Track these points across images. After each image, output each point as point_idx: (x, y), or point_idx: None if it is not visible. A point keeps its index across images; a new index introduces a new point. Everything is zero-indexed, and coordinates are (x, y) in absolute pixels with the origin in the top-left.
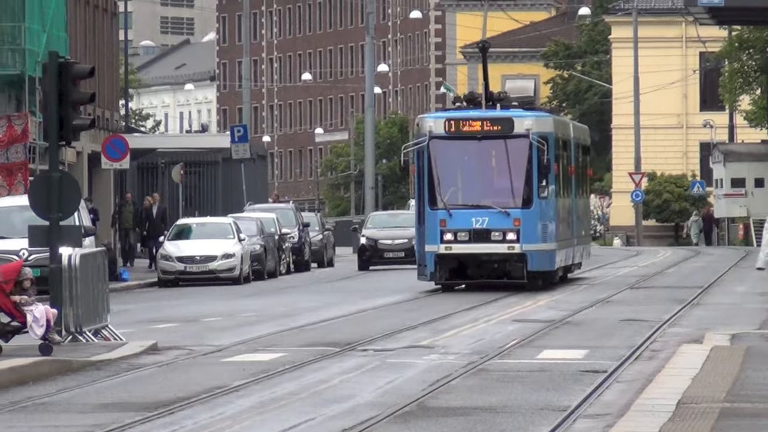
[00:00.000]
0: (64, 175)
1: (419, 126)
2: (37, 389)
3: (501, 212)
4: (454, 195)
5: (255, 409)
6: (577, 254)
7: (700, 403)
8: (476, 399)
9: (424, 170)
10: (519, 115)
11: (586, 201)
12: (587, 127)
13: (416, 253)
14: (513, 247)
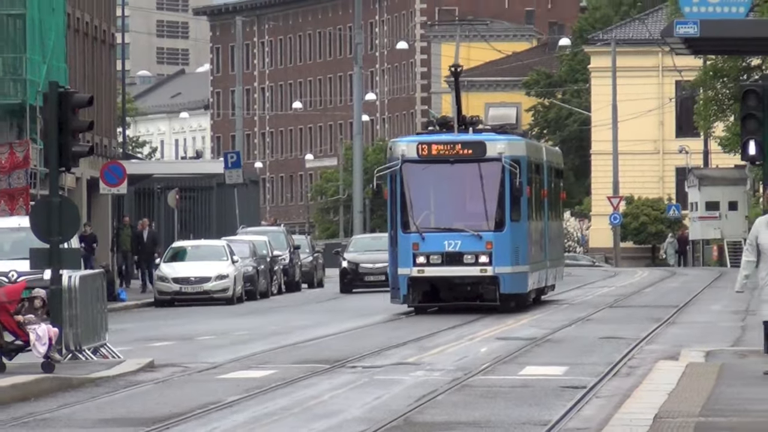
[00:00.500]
0: (64, 200)
1: (392, 150)
2: (39, 405)
3: (473, 235)
4: (426, 218)
5: (248, 424)
6: (551, 276)
7: (676, 418)
8: (461, 414)
9: (396, 194)
10: (491, 138)
11: (559, 224)
12: (560, 151)
13: (389, 276)
14: (485, 270)
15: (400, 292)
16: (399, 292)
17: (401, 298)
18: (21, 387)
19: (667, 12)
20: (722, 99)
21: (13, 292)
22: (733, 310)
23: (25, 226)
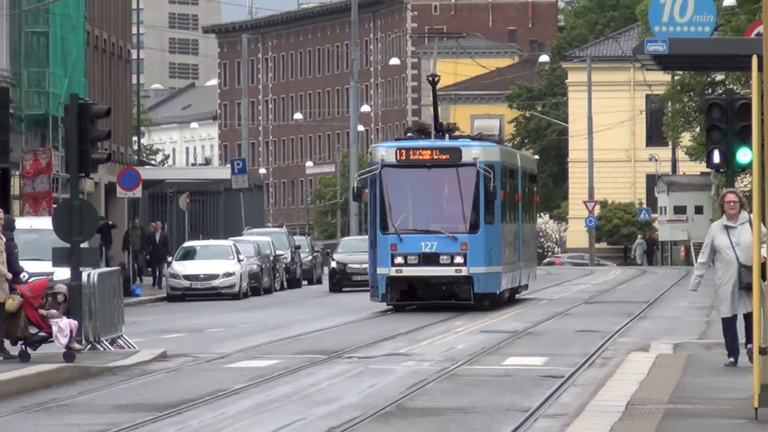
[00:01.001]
0: (84, 203)
1: (372, 155)
2: (61, 392)
3: (449, 237)
4: (404, 220)
5: (253, 409)
6: (524, 276)
7: (646, 405)
8: (448, 401)
9: (376, 197)
10: (467, 144)
11: (532, 226)
12: (534, 158)
13: (369, 275)
14: (460, 270)
15: (379, 290)
16: (378, 291)
17: (380, 297)
18: (44, 375)
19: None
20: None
21: (37, 287)
22: (698, 306)
23: (36, 228)
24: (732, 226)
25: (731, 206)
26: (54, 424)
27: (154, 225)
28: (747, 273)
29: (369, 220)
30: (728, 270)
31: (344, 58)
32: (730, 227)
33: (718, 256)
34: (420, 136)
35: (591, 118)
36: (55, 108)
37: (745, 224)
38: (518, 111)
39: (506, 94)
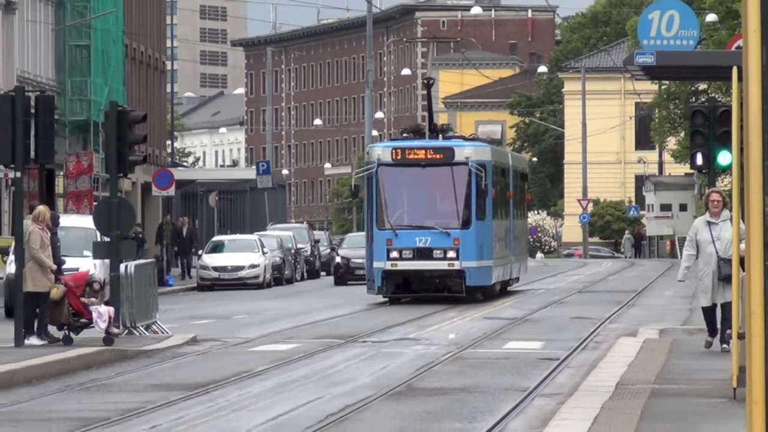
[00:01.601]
0: (122, 201)
1: (369, 154)
2: (100, 373)
3: (442, 232)
4: (399, 217)
5: (275, 389)
6: (515, 270)
7: (634, 385)
8: (454, 381)
9: (372, 194)
10: (459, 144)
11: (523, 222)
12: (525, 157)
13: (366, 269)
14: (453, 264)
15: (375, 283)
16: (374, 284)
17: (376, 289)
18: (85, 357)
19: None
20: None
21: (79, 278)
22: (682, 295)
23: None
24: (714, 223)
25: (715, 204)
26: (93, 402)
27: (182, 220)
28: (725, 266)
29: (366, 216)
30: (708, 263)
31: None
32: (713, 223)
33: (699, 250)
34: (415, 137)
35: (585, 123)
36: (96, 114)
37: (726, 221)
38: (519, 117)
39: (508, 102)
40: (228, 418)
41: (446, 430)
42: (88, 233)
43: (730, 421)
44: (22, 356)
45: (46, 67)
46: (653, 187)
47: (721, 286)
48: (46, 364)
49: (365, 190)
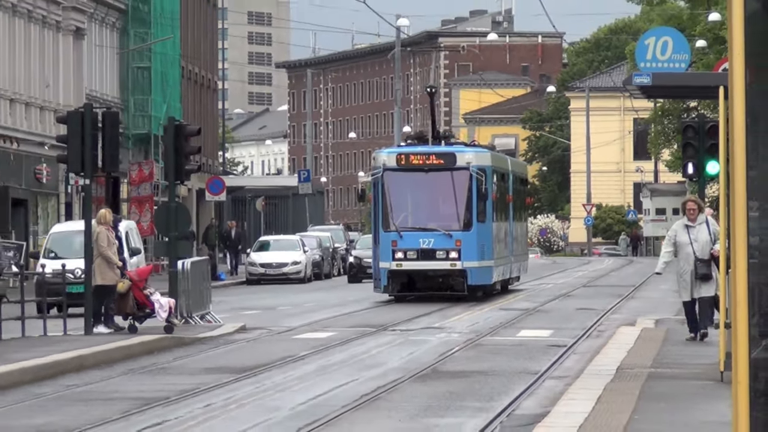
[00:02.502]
0: (179, 205)
1: (375, 159)
2: (160, 358)
3: (445, 234)
4: (404, 219)
5: (316, 372)
6: (515, 269)
7: (633, 369)
8: (473, 365)
9: (378, 198)
10: (460, 150)
11: (523, 224)
12: (525, 163)
13: (372, 269)
14: (455, 264)
15: (381, 282)
16: (381, 283)
17: (382, 288)
18: (147, 344)
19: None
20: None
21: (142, 273)
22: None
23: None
24: (692, 226)
25: (691, 211)
26: (154, 384)
27: (230, 223)
28: (702, 266)
29: (372, 218)
30: (687, 262)
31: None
32: (690, 226)
33: (679, 250)
34: (419, 143)
35: (589, 137)
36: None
37: (702, 224)
38: (530, 131)
39: (520, 118)
40: (273, 397)
41: (467, 408)
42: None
43: (718, 400)
44: (91, 343)
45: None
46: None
47: (698, 283)
48: (112, 350)
49: (372, 194)
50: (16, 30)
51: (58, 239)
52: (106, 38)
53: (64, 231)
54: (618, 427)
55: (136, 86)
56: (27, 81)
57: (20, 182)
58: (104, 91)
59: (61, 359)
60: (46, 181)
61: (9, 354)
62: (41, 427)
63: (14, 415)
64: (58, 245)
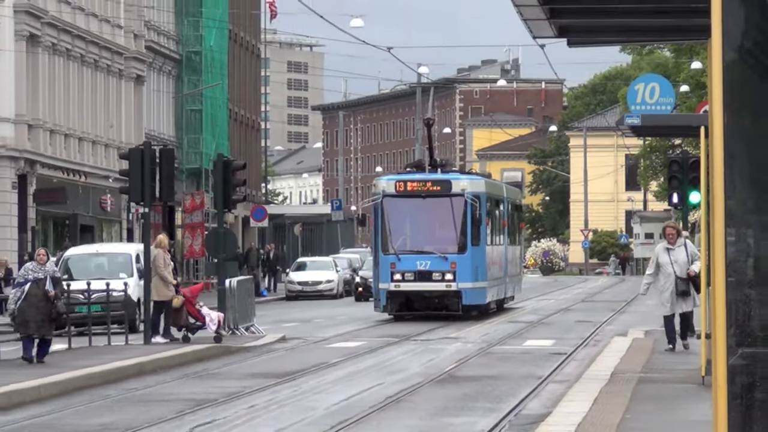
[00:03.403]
0: (227, 231)
1: (375, 186)
2: (210, 364)
3: (440, 257)
4: (402, 242)
5: (346, 377)
6: (509, 290)
7: (626, 374)
8: (485, 371)
9: (378, 222)
10: (456, 177)
11: (517, 247)
12: (519, 190)
13: (373, 289)
14: (450, 285)
15: (381, 302)
16: (380, 303)
17: (381, 308)
18: (199, 352)
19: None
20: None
21: (195, 290)
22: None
23: (102, 252)
24: (671, 248)
25: (670, 235)
26: (205, 387)
27: (269, 246)
28: (681, 283)
29: (372, 242)
30: (668, 280)
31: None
32: (670, 249)
33: (660, 270)
34: (417, 170)
35: (586, 170)
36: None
37: (681, 247)
38: (535, 166)
39: (526, 154)
40: (309, 399)
41: (479, 409)
42: (126, 258)
43: (700, 402)
44: (149, 351)
45: (168, 126)
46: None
47: (678, 299)
48: (168, 358)
49: (372, 219)
50: (84, 77)
51: (75, 261)
52: (163, 84)
53: (79, 254)
54: (612, 426)
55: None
56: (94, 122)
57: (88, 210)
58: (161, 131)
59: (124, 366)
60: (110, 209)
61: (78, 361)
62: (107, 425)
63: (83, 414)
64: (74, 267)
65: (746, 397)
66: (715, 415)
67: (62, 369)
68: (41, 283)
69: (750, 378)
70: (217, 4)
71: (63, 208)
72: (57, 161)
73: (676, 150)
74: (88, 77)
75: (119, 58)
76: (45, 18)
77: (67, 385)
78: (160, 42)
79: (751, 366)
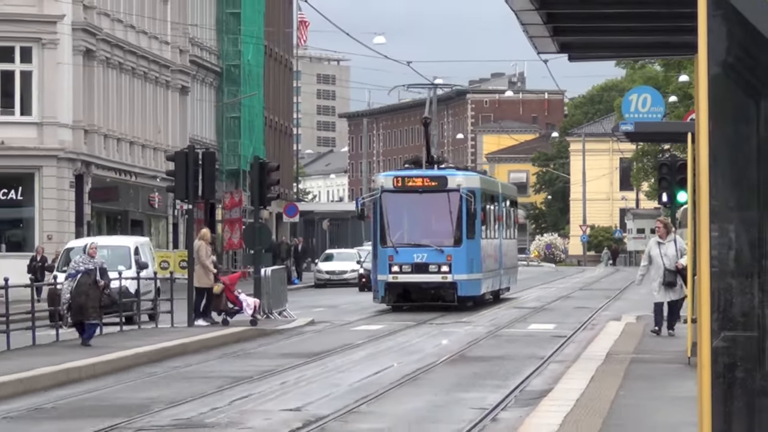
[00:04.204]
0: (262, 225)
1: (374, 182)
2: (246, 345)
3: (437, 250)
4: (400, 236)
5: (369, 356)
6: (504, 281)
7: (619, 354)
8: (493, 351)
9: (377, 216)
10: (451, 173)
11: (513, 241)
12: (515, 187)
13: (372, 281)
14: (446, 277)
15: (379, 294)
16: (379, 294)
17: (380, 299)
18: (236, 335)
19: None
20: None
21: (233, 278)
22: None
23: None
24: (662, 242)
25: (661, 230)
26: (242, 365)
27: (297, 240)
28: (669, 274)
29: (371, 235)
30: (658, 272)
31: None
32: (661, 243)
33: (652, 262)
34: (415, 167)
35: (584, 172)
36: (244, 165)
37: (671, 242)
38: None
39: (531, 157)
40: (335, 376)
41: (488, 385)
42: (125, 251)
43: (686, 380)
44: (192, 333)
45: (210, 132)
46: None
47: (667, 289)
48: (209, 339)
49: (371, 213)
50: (135, 88)
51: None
52: (206, 94)
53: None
54: (607, 401)
55: (229, 132)
56: (143, 127)
57: (137, 207)
58: (203, 135)
59: (169, 346)
60: (158, 206)
61: (127, 342)
62: (154, 398)
63: (133, 389)
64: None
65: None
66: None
67: (114, 349)
68: (92, 273)
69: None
70: (254, 22)
71: (115, 205)
72: (110, 163)
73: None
74: (138, 88)
75: (166, 70)
76: (100, 35)
77: (118, 363)
78: (202, 56)
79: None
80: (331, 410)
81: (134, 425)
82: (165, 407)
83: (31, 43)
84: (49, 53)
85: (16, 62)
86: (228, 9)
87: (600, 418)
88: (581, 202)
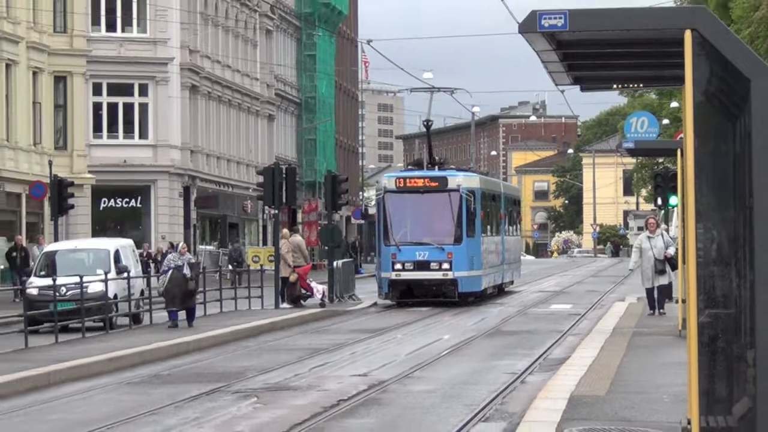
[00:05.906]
0: (335, 226)
1: (378, 183)
2: (320, 324)
3: (438, 248)
4: (403, 235)
5: (421, 331)
6: (507, 276)
7: (623, 329)
8: (522, 327)
9: (380, 216)
10: (452, 174)
11: (516, 237)
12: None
13: (376, 278)
14: (447, 274)
15: (383, 290)
16: (382, 291)
17: (384, 295)
18: (314, 314)
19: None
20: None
21: (306, 269)
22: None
23: (81, 248)
24: (652, 237)
25: (651, 226)
26: (318, 339)
27: (356, 237)
28: (658, 263)
29: (376, 234)
30: (648, 262)
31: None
32: (651, 237)
33: (643, 254)
34: (417, 168)
35: (594, 181)
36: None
37: (658, 236)
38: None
39: (551, 170)
40: (394, 348)
41: (518, 354)
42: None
43: (678, 348)
44: (278, 314)
45: (291, 151)
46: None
47: (656, 275)
48: (291, 318)
49: (375, 213)
50: (231, 116)
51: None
52: (288, 120)
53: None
54: (614, 366)
55: (307, 151)
56: (237, 148)
57: (234, 212)
58: (286, 154)
59: (260, 324)
60: (250, 211)
61: (226, 321)
62: (248, 367)
63: (231, 360)
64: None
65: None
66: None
67: (215, 327)
68: (181, 269)
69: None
70: (327, 62)
71: (216, 211)
72: (211, 176)
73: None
74: (234, 116)
75: (256, 101)
76: (202, 73)
77: (218, 338)
78: (285, 90)
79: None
80: (391, 375)
81: (232, 388)
82: (257, 374)
83: (147, 80)
84: (162, 88)
85: (135, 96)
86: (306, 51)
87: (608, 380)
88: (592, 205)
